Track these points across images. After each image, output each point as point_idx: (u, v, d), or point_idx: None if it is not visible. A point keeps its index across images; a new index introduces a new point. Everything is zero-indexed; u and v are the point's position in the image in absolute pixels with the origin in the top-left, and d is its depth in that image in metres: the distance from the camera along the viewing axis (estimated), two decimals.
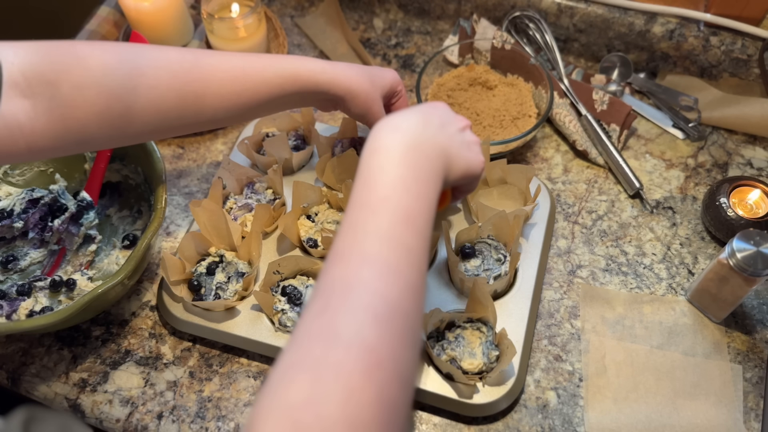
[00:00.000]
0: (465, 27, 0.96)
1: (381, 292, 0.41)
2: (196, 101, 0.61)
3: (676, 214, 0.82)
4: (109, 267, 0.77)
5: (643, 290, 0.76)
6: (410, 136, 0.49)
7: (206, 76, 0.61)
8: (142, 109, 0.58)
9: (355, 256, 0.43)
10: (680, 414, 0.68)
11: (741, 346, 0.72)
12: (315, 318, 0.41)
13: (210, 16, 0.88)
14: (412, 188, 0.46)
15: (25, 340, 0.75)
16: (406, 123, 0.50)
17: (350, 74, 0.66)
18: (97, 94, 0.55)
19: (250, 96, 0.63)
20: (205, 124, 0.65)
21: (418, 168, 0.48)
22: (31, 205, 0.76)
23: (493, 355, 0.67)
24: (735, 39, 0.88)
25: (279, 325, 0.70)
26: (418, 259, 0.45)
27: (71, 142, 0.57)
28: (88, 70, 0.55)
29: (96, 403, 0.70)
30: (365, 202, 0.46)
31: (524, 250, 0.76)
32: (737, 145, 0.88)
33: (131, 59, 0.57)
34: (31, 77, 0.52)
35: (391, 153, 0.47)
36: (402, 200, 0.45)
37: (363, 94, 0.66)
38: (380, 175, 0.46)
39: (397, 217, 0.45)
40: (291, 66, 0.65)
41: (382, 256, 0.43)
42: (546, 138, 0.90)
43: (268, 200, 0.79)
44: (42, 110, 0.53)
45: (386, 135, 0.48)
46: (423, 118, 0.52)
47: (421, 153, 0.48)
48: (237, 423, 0.68)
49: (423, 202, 0.47)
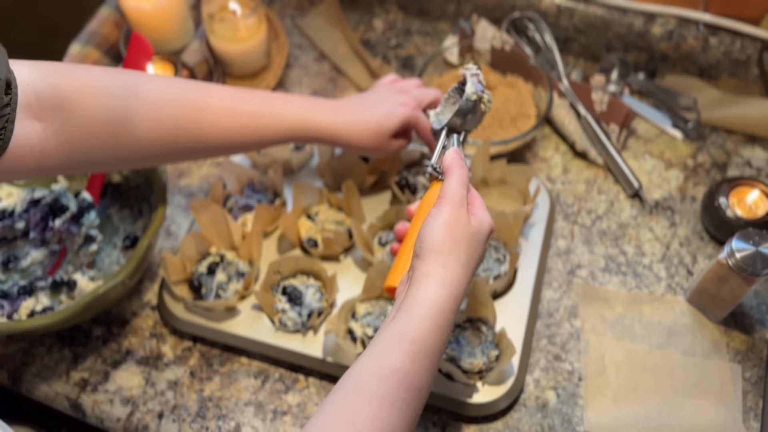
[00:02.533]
0: (465, 27, 0.97)
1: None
2: (194, 137, 0.63)
3: (675, 214, 0.83)
4: (110, 267, 0.77)
5: (642, 290, 0.77)
6: (451, 294, 0.51)
7: (212, 120, 0.63)
8: (146, 137, 0.60)
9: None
10: (679, 413, 0.68)
11: (740, 345, 0.72)
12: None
13: (210, 17, 0.88)
14: (443, 329, 0.50)
15: (26, 340, 0.75)
16: (452, 276, 0.52)
17: (354, 130, 0.68)
18: (104, 122, 0.56)
19: (253, 139, 0.66)
20: (203, 153, 0.66)
21: (451, 313, 0.51)
22: (32, 205, 0.76)
23: (493, 355, 0.67)
24: (734, 39, 0.88)
25: (279, 324, 0.71)
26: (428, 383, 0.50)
27: (78, 164, 0.58)
28: (99, 99, 0.56)
29: (97, 403, 0.70)
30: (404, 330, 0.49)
31: (524, 250, 0.76)
32: (736, 145, 0.88)
33: (138, 89, 0.59)
34: (45, 100, 0.53)
35: (434, 307, 0.50)
36: (432, 339, 0.49)
37: (366, 146, 0.70)
38: (418, 322, 0.50)
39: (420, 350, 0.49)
40: (299, 115, 0.67)
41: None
42: (545, 138, 0.90)
43: (269, 200, 0.79)
44: (52, 133, 0.54)
45: (435, 288, 0.50)
46: (466, 264, 0.53)
47: (454, 310, 0.51)
48: (237, 422, 0.69)
49: (446, 334, 0.51)
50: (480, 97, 0.61)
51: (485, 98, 0.61)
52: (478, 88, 0.61)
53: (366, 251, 0.73)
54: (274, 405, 0.70)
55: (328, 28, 1.02)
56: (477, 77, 0.61)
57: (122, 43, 0.95)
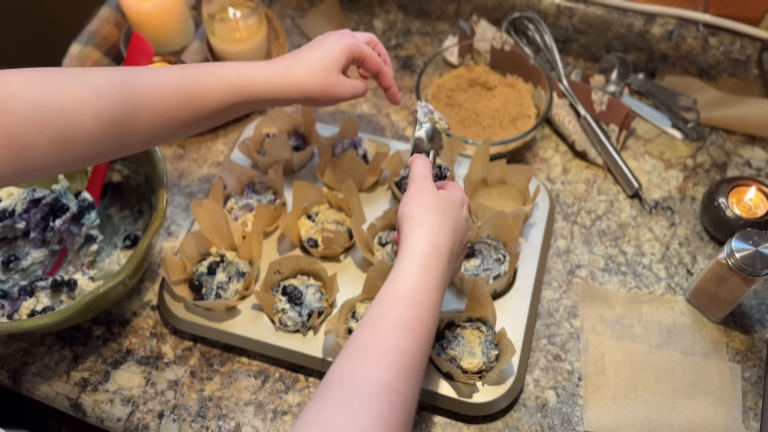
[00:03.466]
0: (464, 28, 0.97)
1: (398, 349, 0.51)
2: (127, 123, 0.57)
3: (674, 214, 0.83)
4: (111, 267, 0.77)
5: (642, 290, 0.77)
6: (432, 244, 0.56)
7: (137, 95, 0.57)
8: (77, 133, 0.55)
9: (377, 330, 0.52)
10: (679, 413, 0.68)
11: (740, 345, 0.72)
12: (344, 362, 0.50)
13: (211, 17, 0.88)
14: (437, 288, 0.55)
15: (26, 340, 0.75)
16: (429, 230, 0.57)
17: (295, 78, 0.64)
18: (89, 127, 0.54)
19: (189, 112, 0.61)
20: (142, 144, 0.61)
21: (436, 258, 0.56)
22: (32, 205, 0.76)
23: (493, 355, 0.67)
24: (734, 39, 0.88)
25: (279, 324, 0.71)
26: (428, 335, 0.53)
27: (71, 163, 0.56)
28: (79, 110, 0.54)
29: (97, 403, 0.71)
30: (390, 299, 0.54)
31: (523, 250, 0.76)
32: (736, 145, 0.88)
33: (57, 83, 0.55)
34: (25, 106, 0.51)
35: (418, 260, 0.55)
36: (426, 298, 0.54)
37: (317, 89, 0.65)
38: (407, 277, 0.55)
39: (414, 312, 0.53)
40: (227, 76, 0.62)
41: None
42: (545, 138, 0.90)
43: (269, 200, 0.79)
44: (39, 137, 0.52)
45: (415, 241, 0.56)
46: (441, 221, 0.58)
47: (439, 259, 0.56)
48: (238, 422, 0.69)
49: (439, 293, 0.56)
50: (430, 118, 0.69)
51: (435, 117, 0.69)
52: (426, 111, 0.70)
53: (366, 251, 0.73)
54: (274, 405, 0.70)
55: (329, 29, 1.02)
56: (426, 107, 0.71)
57: (122, 43, 0.95)
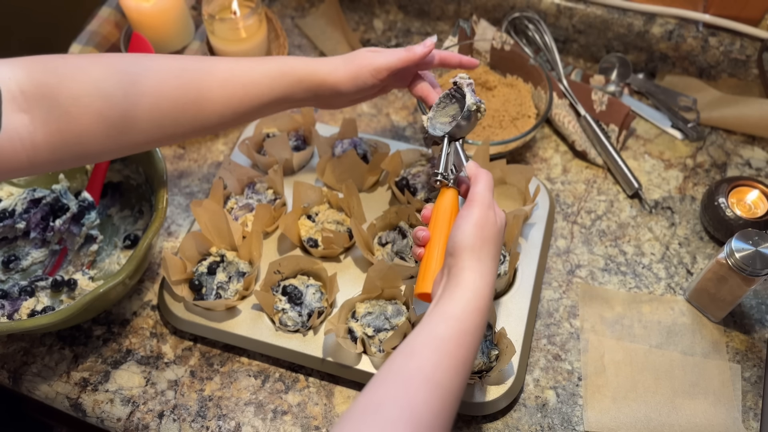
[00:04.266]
0: (464, 28, 0.97)
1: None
2: (192, 107, 0.62)
3: (674, 214, 0.83)
4: (111, 267, 0.77)
5: (641, 290, 0.77)
6: (488, 284, 0.56)
7: (199, 81, 0.62)
8: (138, 117, 0.59)
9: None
10: (679, 413, 0.68)
11: (740, 345, 0.72)
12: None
13: (211, 17, 0.88)
14: (482, 326, 0.55)
15: (26, 340, 0.75)
16: (487, 268, 0.57)
17: (346, 68, 0.67)
18: (90, 104, 0.56)
19: (241, 98, 0.64)
20: (201, 131, 0.65)
21: (488, 299, 0.56)
22: (32, 205, 0.76)
23: (493, 355, 0.67)
24: (734, 39, 0.88)
25: (279, 324, 0.71)
26: (468, 373, 0.54)
27: (70, 154, 0.57)
28: (82, 82, 0.55)
29: (97, 403, 0.71)
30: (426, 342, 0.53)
31: (523, 250, 0.76)
32: (736, 145, 0.88)
33: (125, 69, 0.58)
34: (28, 91, 0.53)
35: (474, 300, 0.54)
36: (474, 339, 0.54)
37: (362, 83, 0.67)
38: (461, 315, 0.54)
39: (463, 351, 0.53)
40: (276, 65, 0.66)
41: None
42: (545, 138, 0.90)
43: (269, 200, 0.80)
44: (40, 123, 0.54)
45: (474, 278, 0.55)
46: (495, 257, 0.58)
47: (490, 298, 0.56)
48: (238, 422, 0.69)
49: (484, 329, 0.55)
50: (479, 107, 0.65)
51: (482, 107, 0.65)
52: (476, 99, 0.65)
53: (366, 251, 0.74)
54: (274, 405, 0.70)
55: (329, 29, 1.02)
56: (471, 86, 0.66)
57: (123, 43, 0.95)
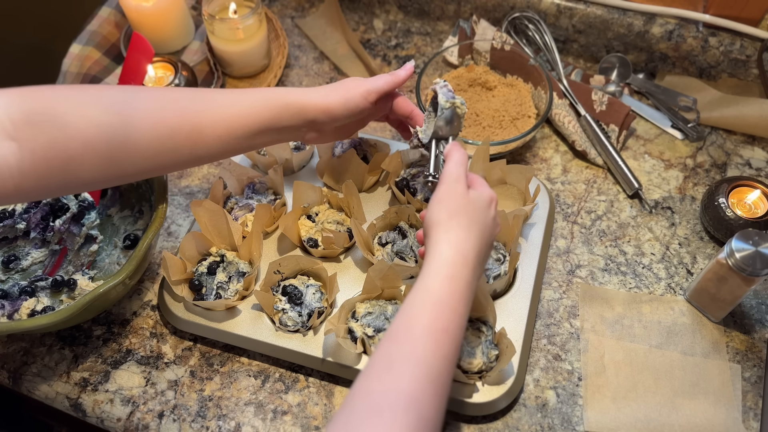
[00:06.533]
0: (465, 28, 0.97)
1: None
2: (188, 141, 0.61)
3: (674, 214, 0.83)
4: (111, 267, 0.77)
5: (642, 290, 0.77)
6: (458, 252, 0.56)
7: (197, 115, 0.61)
8: (129, 146, 0.58)
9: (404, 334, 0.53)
10: (679, 413, 0.68)
11: (740, 345, 0.72)
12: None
13: (211, 17, 0.88)
14: (463, 296, 0.55)
15: (26, 340, 0.75)
16: (456, 237, 0.57)
17: (337, 96, 0.67)
18: (77, 133, 0.55)
19: (227, 127, 0.63)
20: (195, 162, 0.64)
21: (462, 266, 0.56)
22: (32, 205, 0.76)
23: (493, 355, 0.67)
24: (734, 40, 0.88)
25: (279, 324, 0.71)
26: (455, 345, 0.53)
27: (57, 182, 0.57)
28: (72, 112, 0.55)
29: (97, 403, 0.71)
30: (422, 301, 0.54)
31: (523, 250, 0.76)
32: (736, 145, 0.88)
33: (114, 99, 0.58)
34: (17, 120, 0.53)
35: (444, 268, 0.55)
36: (452, 308, 0.54)
37: (352, 109, 0.68)
38: (433, 286, 0.55)
39: (441, 322, 0.53)
40: (262, 93, 0.65)
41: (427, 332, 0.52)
42: (545, 138, 0.90)
43: (269, 200, 0.80)
44: (27, 150, 0.54)
45: (441, 249, 0.56)
46: (468, 227, 0.57)
47: (465, 267, 0.56)
48: (238, 422, 0.69)
49: (466, 301, 0.56)
50: (453, 103, 0.67)
51: (458, 102, 0.67)
52: (449, 96, 0.67)
53: (366, 251, 0.73)
54: (274, 405, 0.70)
55: (329, 29, 1.02)
56: (446, 87, 0.68)
57: (122, 43, 0.95)
